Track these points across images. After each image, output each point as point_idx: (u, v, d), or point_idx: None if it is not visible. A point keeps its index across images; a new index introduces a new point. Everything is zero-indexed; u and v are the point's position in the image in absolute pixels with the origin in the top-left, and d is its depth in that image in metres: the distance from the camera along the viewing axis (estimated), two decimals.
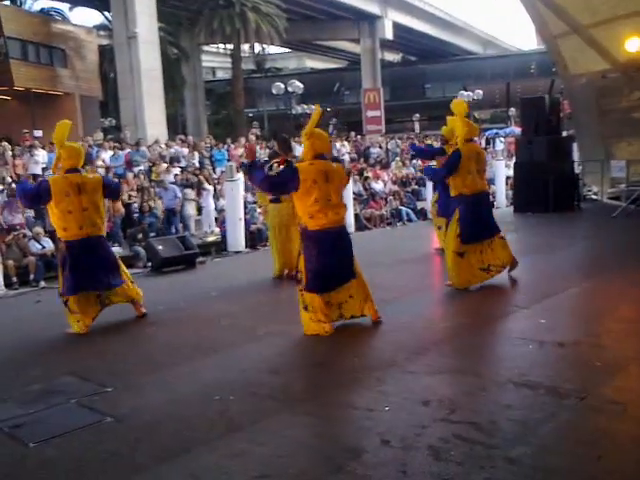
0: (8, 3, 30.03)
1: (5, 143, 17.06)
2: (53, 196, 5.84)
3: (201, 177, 15.90)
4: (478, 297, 6.79)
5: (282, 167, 7.98)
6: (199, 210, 15.54)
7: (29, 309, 7.66)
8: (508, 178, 17.41)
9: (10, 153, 16.19)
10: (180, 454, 3.40)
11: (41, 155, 16.38)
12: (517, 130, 22.87)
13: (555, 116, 14.55)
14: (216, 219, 14.71)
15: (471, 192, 6.90)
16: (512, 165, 16.31)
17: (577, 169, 15.69)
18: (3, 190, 12.98)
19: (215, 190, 15.45)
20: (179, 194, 14.57)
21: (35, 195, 6.11)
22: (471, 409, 3.85)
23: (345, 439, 3.60)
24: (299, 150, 18.78)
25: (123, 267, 6.42)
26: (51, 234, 11.65)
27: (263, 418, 3.82)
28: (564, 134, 16.21)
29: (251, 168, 5.65)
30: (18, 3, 32.79)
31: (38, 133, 20.65)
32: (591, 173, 16.46)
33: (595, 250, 9.53)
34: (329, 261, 5.46)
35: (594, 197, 16.33)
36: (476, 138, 7.90)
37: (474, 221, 6.93)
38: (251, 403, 4.06)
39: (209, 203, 15.06)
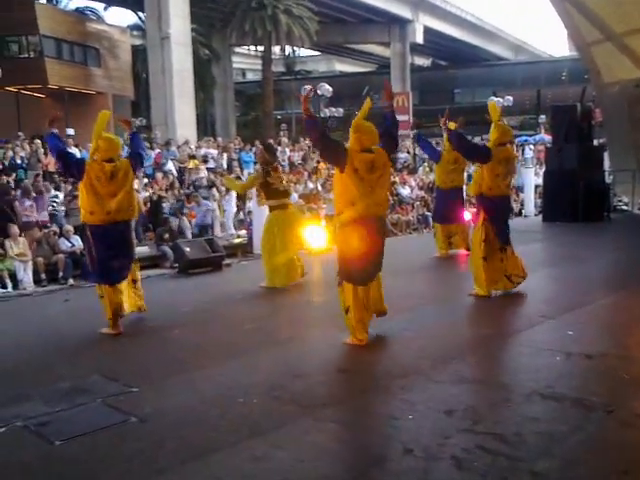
0: (44, 2, 30.47)
1: (38, 140, 17.33)
2: (85, 176, 5.87)
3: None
4: (504, 306, 6.73)
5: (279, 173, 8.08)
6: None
7: (58, 307, 7.75)
8: (537, 187, 17.24)
9: (42, 150, 16.43)
10: (203, 456, 3.42)
11: (74, 153, 16.59)
12: (547, 138, 22.66)
13: (586, 124, 14.39)
14: (241, 221, 14.78)
15: (492, 195, 6.87)
16: (542, 173, 16.16)
17: (608, 179, 15.50)
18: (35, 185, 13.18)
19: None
20: (212, 206, 14.46)
21: (70, 160, 6.12)
22: (495, 420, 3.82)
23: (368, 446, 3.58)
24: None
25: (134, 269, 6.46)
26: (78, 228, 11.83)
27: (286, 422, 3.82)
28: (595, 143, 16.01)
29: (313, 121, 5.38)
30: (54, 2, 33.28)
31: (70, 131, 20.92)
32: (622, 183, 16.25)
33: (625, 261, 9.38)
34: (364, 253, 5.28)
35: (624, 208, 16.12)
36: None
37: (498, 223, 6.96)
38: (274, 407, 4.06)
39: (231, 206, 15.16)
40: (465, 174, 10.46)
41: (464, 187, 10.41)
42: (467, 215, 10.02)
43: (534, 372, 4.74)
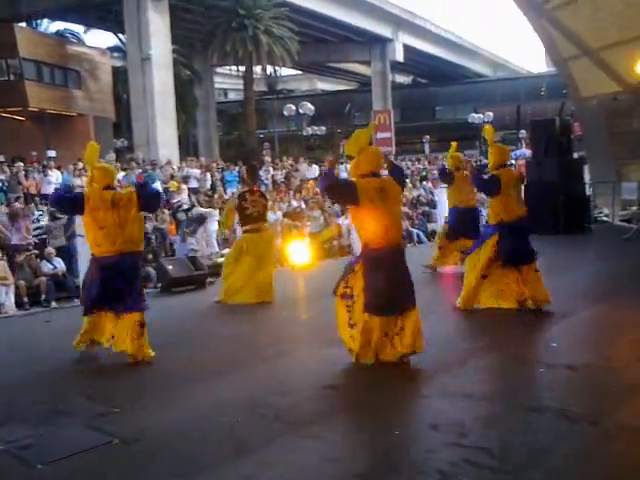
0: (24, 25, 30.42)
1: (20, 163, 17.22)
2: (87, 209, 5.72)
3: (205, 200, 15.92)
4: (488, 320, 6.75)
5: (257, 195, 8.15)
6: None
7: (39, 329, 7.66)
8: None
9: (23, 173, 16.33)
10: (187, 477, 3.38)
11: (55, 175, 16.52)
12: (527, 152, 22.84)
13: (566, 138, 14.54)
14: (226, 240, 14.68)
15: (510, 219, 6.90)
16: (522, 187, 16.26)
17: (588, 191, 15.65)
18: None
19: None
20: (195, 245, 14.18)
21: (72, 200, 5.99)
22: (481, 433, 3.81)
23: (353, 463, 3.56)
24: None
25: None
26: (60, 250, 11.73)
27: (271, 440, 3.79)
28: (575, 156, 16.18)
29: (327, 174, 5.53)
30: (34, 25, 33.25)
31: (52, 153, 20.81)
32: (602, 195, 16.42)
33: (606, 273, 9.45)
34: (391, 282, 5.13)
35: (605, 219, 16.26)
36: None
37: (512, 246, 6.88)
38: (259, 425, 4.04)
39: (214, 225, 15.09)
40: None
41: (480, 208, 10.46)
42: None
43: (519, 384, 4.76)
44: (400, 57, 42.26)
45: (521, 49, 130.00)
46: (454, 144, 10.11)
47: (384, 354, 5.19)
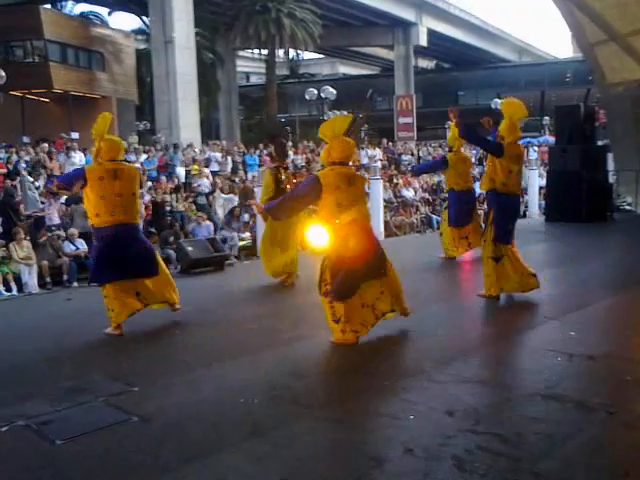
0: (49, 7, 30.63)
1: (45, 144, 17.42)
2: (88, 181, 5.76)
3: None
4: (506, 307, 6.72)
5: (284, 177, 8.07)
6: None
7: (60, 307, 7.76)
8: (541, 188, 17.19)
9: (47, 155, 16.52)
10: (204, 455, 3.42)
11: (78, 157, 16.68)
12: (551, 139, 22.61)
13: (590, 125, 14.35)
14: (246, 224, 14.75)
15: (506, 191, 6.74)
16: (545, 174, 16.13)
17: (611, 179, 15.47)
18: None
19: None
20: (211, 230, 14.23)
21: (71, 177, 6.03)
22: (497, 421, 3.81)
23: (368, 447, 3.59)
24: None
25: (161, 263, 6.32)
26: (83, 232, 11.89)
27: (287, 422, 3.82)
28: (599, 143, 15.98)
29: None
30: (58, 7, 33.46)
31: (75, 135, 21.00)
32: (625, 183, 16.23)
33: (628, 262, 9.35)
34: (358, 262, 5.28)
35: (628, 208, 16.07)
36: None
37: (507, 222, 6.79)
38: (275, 407, 4.07)
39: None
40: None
41: (476, 189, 10.35)
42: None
43: (536, 373, 4.73)
44: (423, 41, 41.92)
45: (547, 34, 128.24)
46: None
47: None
